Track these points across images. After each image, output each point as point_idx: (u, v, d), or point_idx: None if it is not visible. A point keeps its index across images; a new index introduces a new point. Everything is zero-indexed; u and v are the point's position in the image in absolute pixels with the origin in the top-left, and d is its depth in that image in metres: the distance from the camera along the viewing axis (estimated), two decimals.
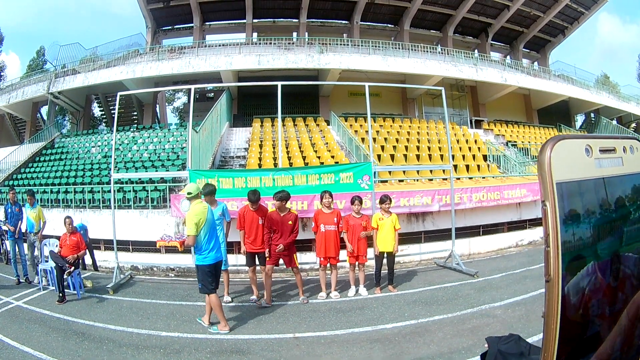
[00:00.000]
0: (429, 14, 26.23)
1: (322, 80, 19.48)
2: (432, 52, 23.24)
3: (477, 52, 27.00)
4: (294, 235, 6.63)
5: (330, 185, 7.93)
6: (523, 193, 11.70)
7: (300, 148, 15.22)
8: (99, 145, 17.40)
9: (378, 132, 17.09)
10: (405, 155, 15.13)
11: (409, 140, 16.66)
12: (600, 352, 0.69)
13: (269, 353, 4.68)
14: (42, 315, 6.24)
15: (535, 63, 30.21)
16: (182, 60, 19.27)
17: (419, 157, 15.19)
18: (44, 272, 7.94)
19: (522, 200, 11.81)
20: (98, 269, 10.08)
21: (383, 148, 15.44)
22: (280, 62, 18.72)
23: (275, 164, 12.92)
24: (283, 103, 9.01)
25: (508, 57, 29.67)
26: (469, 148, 16.69)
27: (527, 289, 6.77)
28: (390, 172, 13.11)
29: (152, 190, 11.28)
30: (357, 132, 16.85)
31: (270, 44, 21.86)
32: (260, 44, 22.58)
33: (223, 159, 14.90)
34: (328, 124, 18.65)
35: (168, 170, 13.14)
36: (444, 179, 12.03)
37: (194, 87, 9.90)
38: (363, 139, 15.59)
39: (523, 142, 19.50)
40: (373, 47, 20.83)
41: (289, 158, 14.03)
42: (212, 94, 24.98)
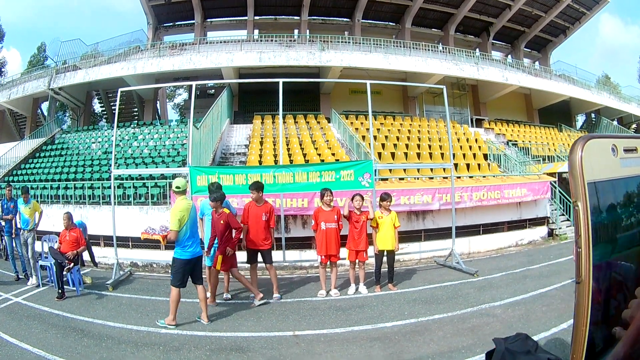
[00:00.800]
0: (431, 13, 26.17)
1: (323, 78, 19.46)
2: (433, 50, 23.19)
3: (478, 51, 26.99)
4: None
5: (331, 183, 7.91)
6: (523, 192, 11.70)
7: (301, 145, 15.19)
8: (100, 142, 17.37)
9: (379, 130, 17.07)
10: (406, 154, 15.10)
11: (410, 139, 16.63)
12: (617, 350, 0.69)
13: (269, 351, 4.66)
14: (41, 312, 6.23)
15: (537, 63, 30.15)
16: (183, 57, 19.22)
17: (420, 155, 15.17)
18: (44, 268, 7.93)
19: (522, 200, 11.80)
20: (97, 265, 10.06)
21: (384, 146, 15.41)
22: (282, 59, 18.68)
23: (276, 161, 12.90)
24: (284, 100, 8.98)
25: (509, 56, 29.64)
26: (470, 147, 16.66)
27: (527, 289, 6.77)
28: (391, 170, 13.09)
29: (152, 187, 11.26)
30: (357, 129, 16.82)
31: (272, 41, 21.80)
32: (262, 41, 22.52)
33: (223, 156, 14.88)
34: (329, 122, 18.61)
35: (168, 167, 13.12)
36: (445, 178, 12.00)
37: (195, 83, 9.89)
38: (364, 137, 15.57)
39: (524, 141, 19.46)
40: (374, 45, 20.77)
41: (290, 155, 14.00)
42: (212, 91, 24.92)
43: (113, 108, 22.90)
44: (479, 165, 14.83)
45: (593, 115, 29.21)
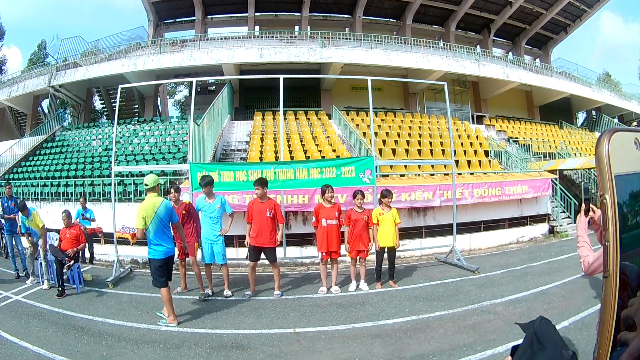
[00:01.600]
0: (432, 9, 26.05)
1: (324, 74, 19.44)
2: (434, 47, 23.12)
3: (479, 47, 26.95)
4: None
5: (332, 179, 7.88)
6: (524, 189, 11.67)
7: (302, 142, 15.17)
8: (100, 138, 17.36)
9: (380, 126, 17.04)
10: (407, 150, 15.08)
11: (411, 135, 16.60)
12: (632, 348, 0.68)
13: (269, 348, 4.65)
14: (41, 310, 6.22)
15: (537, 60, 30.09)
16: (184, 53, 19.19)
17: (421, 152, 15.14)
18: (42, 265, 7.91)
19: (523, 197, 11.78)
20: (93, 262, 10.07)
21: (384, 142, 15.39)
22: (282, 55, 18.65)
23: (277, 158, 12.88)
24: (285, 96, 8.94)
25: (510, 53, 29.55)
26: (471, 143, 16.63)
27: (528, 286, 6.76)
28: (392, 166, 13.07)
29: None
30: (358, 126, 16.79)
31: (273, 38, 21.74)
32: (262, 38, 22.45)
33: (224, 152, 14.86)
34: (330, 118, 18.59)
35: (169, 163, 13.09)
36: (446, 174, 11.99)
37: (196, 79, 9.84)
38: (364, 133, 15.55)
39: (524, 138, 19.45)
40: (375, 41, 20.72)
41: (291, 152, 13.98)
42: (213, 87, 24.90)
43: (113, 105, 22.84)
44: (480, 162, 14.81)
45: (594, 113, 29.17)
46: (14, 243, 8.67)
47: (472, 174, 12.80)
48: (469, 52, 22.68)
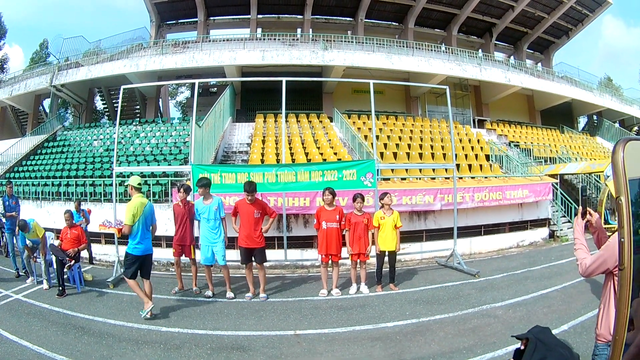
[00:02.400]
0: (434, 13, 26.10)
1: (325, 77, 19.46)
2: (436, 50, 23.18)
3: (481, 51, 26.94)
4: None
5: (333, 182, 7.89)
6: (525, 194, 11.67)
7: (303, 144, 15.19)
8: (101, 139, 17.34)
9: (381, 129, 17.06)
10: (408, 154, 15.09)
11: (412, 139, 16.61)
12: (630, 351, 0.73)
13: (270, 350, 4.65)
14: (41, 309, 6.23)
15: (539, 64, 30.07)
16: (185, 55, 19.22)
17: (422, 155, 15.16)
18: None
19: (524, 201, 11.77)
20: (93, 262, 10.08)
21: (386, 146, 15.40)
22: (284, 57, 18.68)
23: (278, 160, 12.89)
24: (286, 99, 8.97)
25: (512, 57, 29.60)
26: (472, 147, 16.65)
27: (528, 290, 6.77)
28: (393, 170, 13.07)
29: (154, 184, 11.24)
30: (360, 129, 16.81)
31: (275, 40, 21.78)
32: (264, 40, 22.51)
33: (225, 154, 14.88)
34: (331, 121, 18.60)
35: (170, 165, 13.08)
36: (447, 178, 11.99)
37: (198, 81, 9.85)
38: (366, 137, 15.56)
39: (526, 142, 19.45)
40: (377, 44, 20.74)
41: (292, 154, 13.99)
42: (215, 89, 24.92)
43: (115, 105, 22.86)
44: (481, 166, 14.82)
45: (595, 117, 29.17)
46: (15, 242, 8.67)
47: (473, 178, 12.81)
48: (471, 56, 22.71)
